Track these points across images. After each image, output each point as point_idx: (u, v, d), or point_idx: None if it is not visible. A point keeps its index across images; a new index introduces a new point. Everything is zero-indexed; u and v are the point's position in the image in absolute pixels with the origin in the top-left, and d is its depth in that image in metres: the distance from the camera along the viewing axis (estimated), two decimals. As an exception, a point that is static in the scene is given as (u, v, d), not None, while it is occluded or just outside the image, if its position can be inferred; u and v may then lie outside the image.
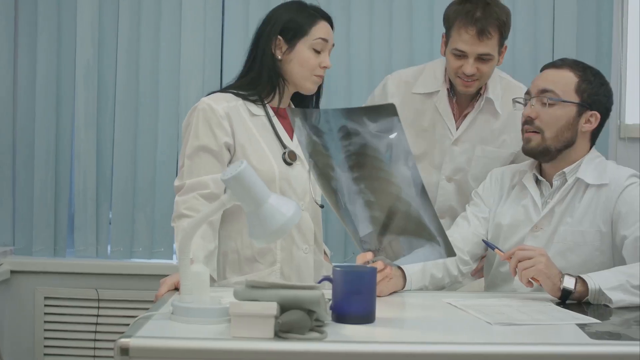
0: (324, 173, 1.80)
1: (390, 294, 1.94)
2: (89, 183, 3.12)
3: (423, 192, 1.65)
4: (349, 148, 1.68)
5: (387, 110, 1.60)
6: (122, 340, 1.41)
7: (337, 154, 1.71)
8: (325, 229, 3.02)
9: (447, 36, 2.40)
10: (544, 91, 2.08)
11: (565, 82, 2.08)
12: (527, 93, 2.13)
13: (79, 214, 3.13)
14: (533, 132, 2.09)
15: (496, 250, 1.99)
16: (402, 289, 2.00)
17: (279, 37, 2.16)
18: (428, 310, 1.85)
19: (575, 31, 3.06)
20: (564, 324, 1.65)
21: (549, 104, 2.07)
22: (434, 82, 2.50)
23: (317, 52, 2.15)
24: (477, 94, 2.47)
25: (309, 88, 2.19)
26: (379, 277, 1.83)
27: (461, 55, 2.34)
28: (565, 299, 1.85)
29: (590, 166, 2.10)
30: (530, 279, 1.85)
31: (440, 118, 2.48)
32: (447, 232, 1.78)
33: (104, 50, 3.12)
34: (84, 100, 3.10)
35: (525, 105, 2.12)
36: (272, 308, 1.44)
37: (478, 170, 2.44)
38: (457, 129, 2.48)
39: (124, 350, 1.40)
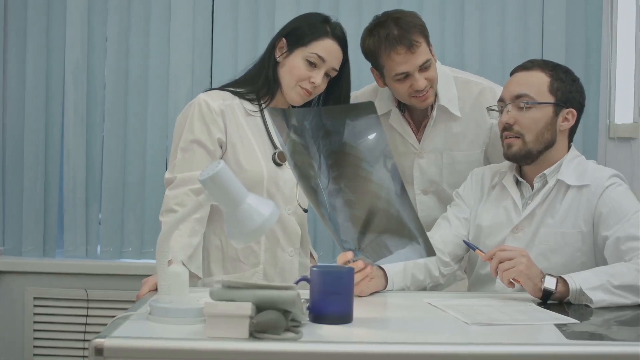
0: (304, 172, 1.80)
1: (372, 293, 1.94)
2: (79, 183, 3.11)
3: (403, 190, 1.65)
4: (329, 147, 1.68)
5: (366, 109, 1.60)
6: (97, 340, 1.41)
7: (316, 153, 1.71)
8: (314, 230, 3.03)
9: (378, 69, 2.35)
10: (518, 96, 2.07)
11: (538, 83, 2.08)
12: (501, 100, 2.12)
13: (68, 214, 3.12)
14: (513, 137, 2.08)
15: (477, 251, 1.98)
16: (384, 289, 1.99)
17: (283, 39, 2.19)
18: (407, 310, 1.84)
19: (565, 31, 3.05)
20: (542, 324, 1.65)
21: (525, 108, 2.07)
22: (386, 102, 2.46)
23: (312, 65, 2.16)
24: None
25: (293, 98, 2.19)
26: (359, 276, 1.84)
27: (405, 76, 2.29)
28: (547, 300, 1.85)
29: (570, 167, 2.09)
30: (511, 280, 1.85)
31: (399, 135, 2.46)
32: (428, 234, 1.78)
33: (93, 51, 3.11)
34: (73, 101, 3.10)
35: (500, 112, 2.12)
36: (247, 308, 1.43)
37: (452, 177, 2.42)
38: (419, 142, 2.45)
39: (99, 351, 1.40)
